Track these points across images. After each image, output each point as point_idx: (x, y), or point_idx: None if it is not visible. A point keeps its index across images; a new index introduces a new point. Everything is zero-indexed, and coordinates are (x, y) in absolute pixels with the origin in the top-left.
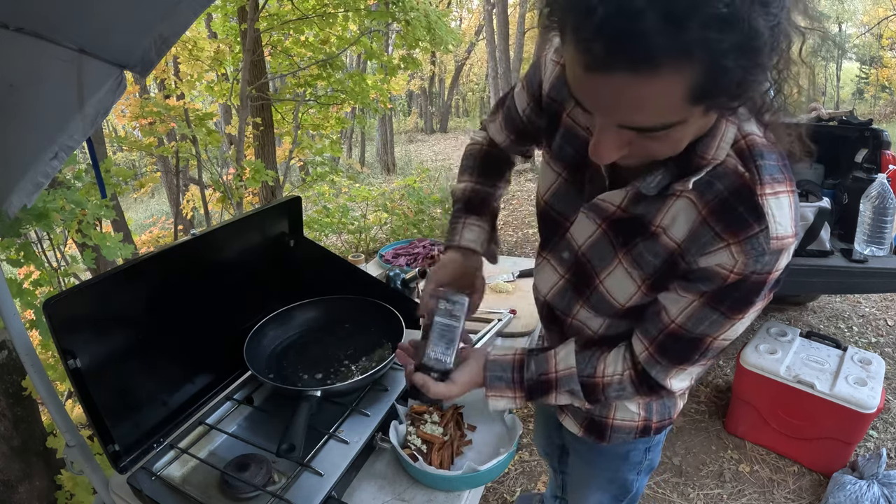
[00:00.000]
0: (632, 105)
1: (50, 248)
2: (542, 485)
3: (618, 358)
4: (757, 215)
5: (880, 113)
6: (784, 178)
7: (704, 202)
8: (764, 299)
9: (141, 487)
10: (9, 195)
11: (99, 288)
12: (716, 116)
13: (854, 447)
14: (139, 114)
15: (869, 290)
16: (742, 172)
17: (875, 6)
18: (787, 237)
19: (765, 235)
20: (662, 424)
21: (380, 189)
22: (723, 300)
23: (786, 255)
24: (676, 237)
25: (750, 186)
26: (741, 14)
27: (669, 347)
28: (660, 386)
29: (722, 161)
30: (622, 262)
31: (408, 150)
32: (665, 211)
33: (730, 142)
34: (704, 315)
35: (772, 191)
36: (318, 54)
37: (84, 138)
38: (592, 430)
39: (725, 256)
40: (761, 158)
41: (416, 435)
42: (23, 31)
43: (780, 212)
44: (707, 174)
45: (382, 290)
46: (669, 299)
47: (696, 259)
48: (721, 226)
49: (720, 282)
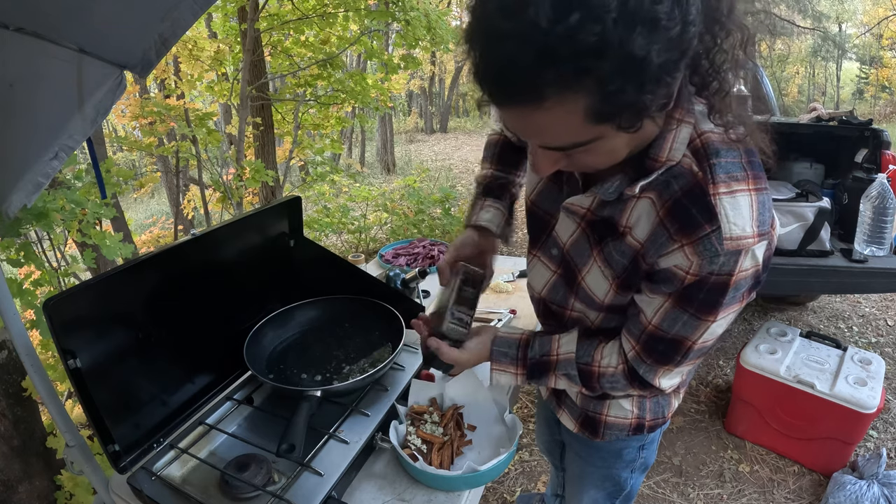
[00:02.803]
0: (537, 131)
1: (50, 248)
2: (541, 485)
3: (613, 350)
4: (709, 216)
5: (880, 113)
6: (746, 176)
7: (662, 203)
8: (739, 301)
9: (141, 487)
10: (9, 195)
11: (99, 288)
12: (658, 123)
13: (854, 447)
14: (139, 114)
15: (869, 290)
16: (696, 172)
17: (875, 6)
18: (743, 237)
19: (717, 236)
20: (656, 423)
21: (380, 189)
22: (689, 301)
23: (747, 257)
24: (639, 237)
25: (702, 186)
26: (613, 40)
27: (652, 348)
28: (649, 383)
29: (678, 161)
30: (596, 260)
31: (408, 150)
32: (629, 212)
33: (684, 142)
34: (676, 316)
35: (727, 189)
36: (318, 54)
37: (84, 138)
38: (587, 426)
39: (680, 257)
40: (716, 157)
41: (416, 435)
42: (23, 30)
43: (736, 211)
44: (666, 175)
45: (382, 290)
46: (643, 301)
47: (655, 260)
48: (674, 227)
49: (679, 283)
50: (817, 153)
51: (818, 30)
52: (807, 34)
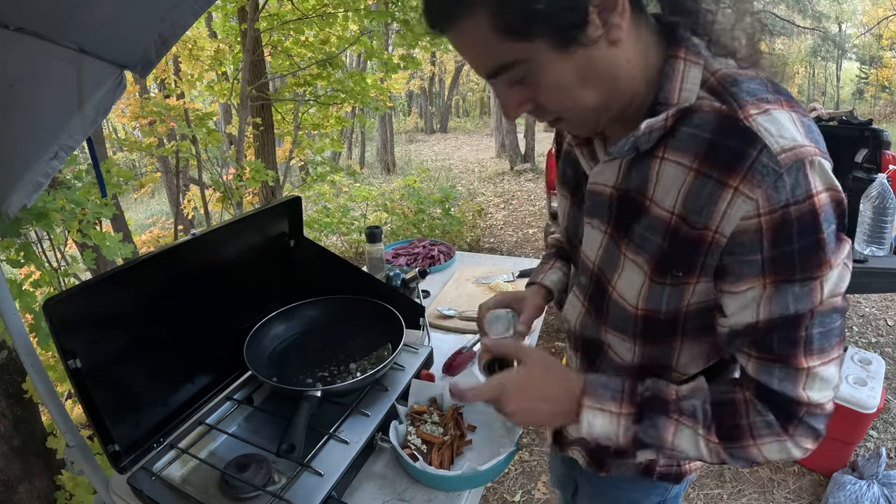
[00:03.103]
0: (469, 57)
1: (50, 249)
2: (541, 485)
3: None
4: (748, 138)
5: (880, 113)
6: (777, 98)
7: (693, 155)
8: (837, 238)
9: (141, 487)
10: (9, 195)
11: (99, 288)
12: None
13: (854, 447)
14: (139, 113)
15: (869, 290)
16: (719, 107)
17: (875, 6)
18: (798, 146)
19: (767, 154)
20: (668, 471)
21: (380, 189)
22: (786, 263)
23: (816, 170)
24: (668, 206)
25: (730, 115)
26: None
27: (771, 341)
28: (794, 400)
29: (696, 106)
30: (626, 254)
31: (408, 150)
32: (654, 178)
33: (696, 82)
34: (783, 292)
35: (758, 110)
36: (318, 54)
37: (84, 138)
38: (594, 459)
39: (741, 203)
40: (735, 86)
41: (416, 435)
42: (23, 30)
43: (776, 125)
44: (688, 126)
45: (382, 290)
46: (735, 301)
47: (715, 228)
48: (717, 170)
49: (758, 242)
50: None
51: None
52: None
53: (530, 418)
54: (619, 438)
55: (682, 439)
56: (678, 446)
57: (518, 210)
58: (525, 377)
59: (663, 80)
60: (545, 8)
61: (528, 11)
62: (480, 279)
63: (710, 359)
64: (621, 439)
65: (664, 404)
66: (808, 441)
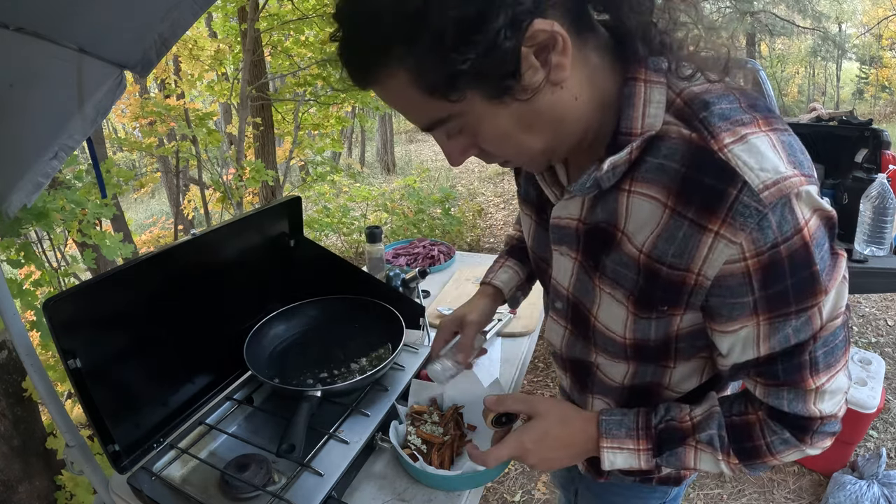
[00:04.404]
0: (397, 108)
1: (50, 248)
2: (541, 485)
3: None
4: (726, 176)
5: (880, 113)
6: (753, 119)
7: (666, 190)
8: (832, 257)
9: (141, 487)
10: (9, 195)
11: (99, 288)
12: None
13: (854, 447)
14: (139, 114)
15: (869, 290)
16: (689, 135)
17: (875, 6)
18: (782, 179)
19: (748, 193)
20: (668, 475)
21: (380, 189)
22: (781, 300)
23: (801, 201)
24: (640, 243)
25: (702, 146)
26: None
27: (776, 370)
28: (807, 418)
29: (663, 132)
30: (601, 287)
31: (408, 149)
32: (624, 212)
33: (660, 105)
34: (780, 328)
35: (733, 137)
36: (318, 54)
37: (84, 138)
38: (593, 465)
39: (723, 246)
40: (705, 109)
41: (416, 435)
42: (23, 30)
43: (756, 156)
44: (655, 157)
45: (382, 290)
46: (728, 340)
47: (689, 265)
48: (693, 211)
49: (748, 284)
50: (817, 153)
51: (818, 30)
52: (807, 34)
53: (553, 465)
54: (642, 467)
55: (703, 463)
56: (700, 468)
57: (518, 210)
58: (541, 431)
59: (624, 106)
60: (470, 67)
61: (451, 72)
62: (480, 279)
63: (706, 376)
64: (643, 467)
65: (681, 436)
66: (825, 442)
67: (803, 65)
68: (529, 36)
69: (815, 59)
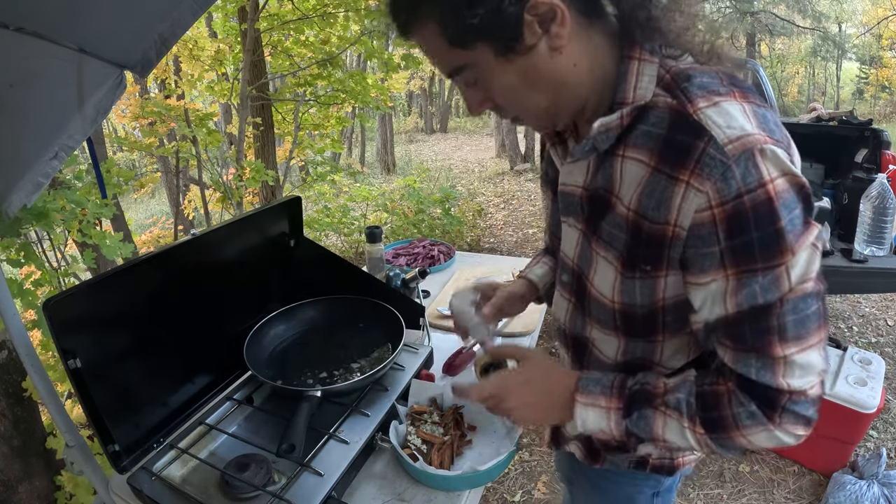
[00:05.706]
0: (428, 56)
1: (50, 248)
2: (541, 485)
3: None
4: (696, 132)
5: (880, 113)
6: (730, 91)
7: (650, 152)
8: (803, 222)
9: (141, 487)
10: (9, 195)
11: (99, 288)
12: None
13: (854, 447)
14: (139, 114)
15: (869, 290)
16: (671, 103)
17: (875, 6)
18: (745, 135)
19: (714, 146)
20: (661, 463)
21: (380, 189)
22: (746, 252)
23: (766, 159)
24: (628, 201)
25: (680, 110)
26: None
27: (744, 331)
28: (775, 389)
29: (652, 103)
30: (597, 251)
31: (408, 150)
32: (619, 177)
33: (651, 80)
34: (747, 283)
35: (707, 102)
36: (318, 54)
37: (84, 138)
38: (590, 451)
39: (692, 197)
40: (687, 81)
41: (416, 435)
42: (23, 30)
43: (724, 116)
44: (645, 124)
45: (382, 290)
46: (701, 293)
47: (667, 217)
48: (669, 165)
49: (715, 233)
50: (817, 153)
51: (818, 30)
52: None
53: (529, 414)
54: (613, 432)
55: (670, 431)
56: (668, 438)
57: (518, 210)
58: (526, 374)
59: (619, 81)
60: (479, 23)
61: (465, 25)
62: (480, 279)
63: (693, 353)
64: (615, 432)
65: (651, 397)
66: (797, 428)
67: (803, 65)
68: (532, 5)
69: (815, 59)
